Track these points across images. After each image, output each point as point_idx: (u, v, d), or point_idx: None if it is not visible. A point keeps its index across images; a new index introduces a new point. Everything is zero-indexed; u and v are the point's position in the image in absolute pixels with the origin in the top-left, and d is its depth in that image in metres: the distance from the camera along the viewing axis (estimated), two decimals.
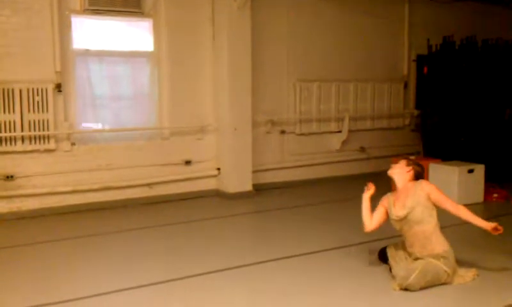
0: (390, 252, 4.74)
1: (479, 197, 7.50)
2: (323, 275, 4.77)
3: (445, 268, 4.37)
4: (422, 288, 4.30)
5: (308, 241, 5.78)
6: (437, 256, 4.40)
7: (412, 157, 4.79)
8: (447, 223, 4.86)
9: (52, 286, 4.58)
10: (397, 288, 4.33)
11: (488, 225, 4.54)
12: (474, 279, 4.52)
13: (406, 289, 4.29)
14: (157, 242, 5.90)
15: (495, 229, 4.49)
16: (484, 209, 7.27)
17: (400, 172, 4.86)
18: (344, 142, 9.33)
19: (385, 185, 8.38)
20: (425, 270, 4.32)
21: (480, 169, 7.53)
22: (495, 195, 7.63)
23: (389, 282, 4.47)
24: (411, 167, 4.83)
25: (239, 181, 7.99)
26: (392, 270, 4.58)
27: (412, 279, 4.27)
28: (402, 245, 4.74)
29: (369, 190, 4.90)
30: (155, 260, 5.24)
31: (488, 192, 7.61)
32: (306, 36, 8.91)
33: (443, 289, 4.37)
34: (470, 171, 7.47)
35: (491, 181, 7.82)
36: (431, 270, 4.34)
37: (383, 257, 4.86)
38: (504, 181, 8.17)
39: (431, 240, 4.47)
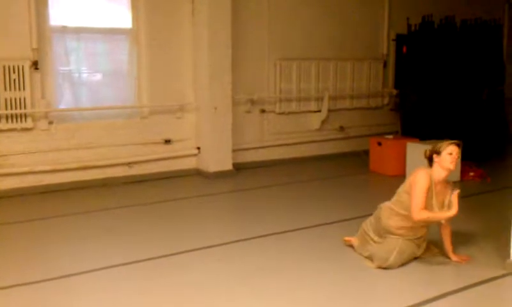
0: (358, 247, 4.79)
1: (456, 176, 7.60)
2: (297, 255, 4.83)
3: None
4: (399, 266, 4.43)
5: (285, 219, 5.83)
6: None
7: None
8: None
9: (30, 265, 4.58)
10: (375, 267, 4.44)
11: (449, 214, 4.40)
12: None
13: (385, 268, 4.41)
14: (136, 221, 5.89)
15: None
16: (460, 187, 7.36)
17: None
18: (324, 122, 9.36)
19: (364, 165, 8.49)
20: (402, 249, 4.44)
21: None
22: (472, 174, 7.75)
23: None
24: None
25: (219, 160, 7.99)
26: (366, 249, 4.64)
27: (392, 259, 4.39)
28: (370, 227, 4.74)
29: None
30: (132, 240, 5.24)
31: (464, 171, 7.72)
32: (287, 15, 8.87)
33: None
34: None
35: (468, 160, 7.93)
36: (406, 249, 4.47)
37: None
38: (481, 160, 8.30)
39: None
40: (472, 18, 9.02)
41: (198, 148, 8.14)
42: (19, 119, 6.84)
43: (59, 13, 7.15)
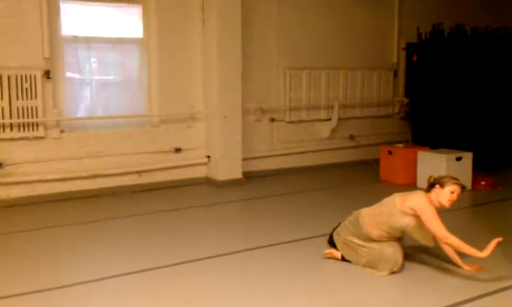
0: (348, 254, 4.77)
1: (467, 184, 7.56)
2: (308, 264, 4.81)
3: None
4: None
5: (295, 228, 5.82)
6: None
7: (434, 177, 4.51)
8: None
9: (40, 273, 4.58)
10: (387, 274, 4.46)
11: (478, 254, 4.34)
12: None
13: (393, 272, 4.46)
14: (146, 230, 5.90)
15: None
16: (472, 197, 7.34)
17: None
18: (334, 130, 9.35)
19: (374, 174, 8.47)
20: (398, 247, 4.55)
21: (468, 157, 7.60)
22: (483, 183, 7.70)
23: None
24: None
25: (228, 169, 8.00)
26: (358, 257, 4.64)
27: (400, 260, 4.49)
28: (348, 233, 4.75)
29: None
30: (141, 249, 5.24)
31: (475, 179, 7.68)
32: (297, 24, 8.89)
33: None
34: (458, 159, 7.53)
35: (479, 169, 7.89)
36: (398, 245, 4.60)
37: (332, 242, 4.93)
38: (492, 169, 8.24)
39: None
40: (483, 27, 8.98)
41: (208, 157, 8.16)
42: (31, 128, 6.90)
43: (71, 23, 7.22)
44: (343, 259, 4.75)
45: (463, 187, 4.48)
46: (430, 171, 7.46)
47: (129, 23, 7.73)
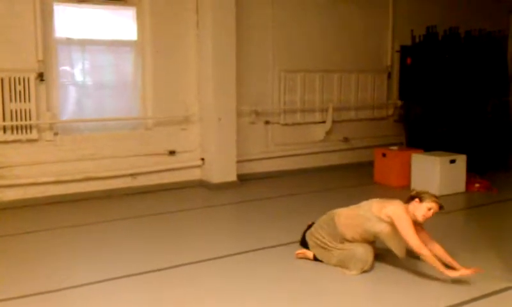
0: (319, 253, 4.82)
1: (461, 187, 7.59)
2: (303, 265, 4.80)
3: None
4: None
5: (290, 230, 5.78)
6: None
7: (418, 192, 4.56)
8: None
9: (34, 277, 4.55)
10: (358, 273, 4.54)
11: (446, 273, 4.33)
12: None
13: (364, 271, 4.56)
14: (140, 232, 5.88)
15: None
16: (466, 199, 7.36)
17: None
18: (328, 133, 9.36)
19: (369, 176, 8.48)
20: (370, 248, 4.61)
21: (462, 160, 7.61)
22: (477, 185, 7.71)
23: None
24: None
25: (223, 171, 7.98)
26: (331, 257, 4.70)
27: (371, 260, 4.57)
28: (323, 233, 4.80)
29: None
30: (136, 252, 5.22)
31: (469, 182, 7.69)
32: (291, 27, 8.90)
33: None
34: (452, 162, 7.54)
35: (473, 171, 7.91)
36: (370, 247, 4.66)
37: (304, 243, 4.99)
38: (486, 172, 8.27)
39: None
40: (477, 30, 9.02)
41: (202, 159, 8.14)
42: (24, 131, 6.86)
43: (65, 25, 7.20)
44: (315, 259, 4.82)
45: (441, 207, 4.52)
46: (424, 174, 7.55)
47: (123, 25, 7.71)
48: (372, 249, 4.63)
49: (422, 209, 4.45)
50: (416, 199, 4.50)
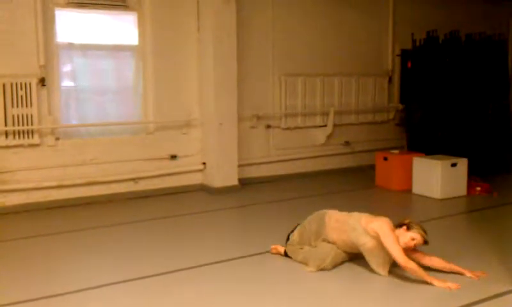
0: (290, 250, 5.00)
1: (462, 190, 7.59)
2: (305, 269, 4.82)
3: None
4: (333, 268, 4.73)
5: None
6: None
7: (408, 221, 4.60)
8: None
9: (36, 282, 4.56)
10: (315, 270, 4.67)
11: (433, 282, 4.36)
12: None
13: (321, 269, 4.68)
14: (141, 237, 5.89)
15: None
16: (467, 203, 7.36)
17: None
18: (329, 137, 9.37)
19: (370, 180, 8.49)
20: (337, 254, 4.75)
21: (463, 163, 7.62)
22: (478, 188, 7.71)
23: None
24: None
25: (224, 175, 7.99)
26: (298, 254, 4.88)
27: (329, 261, 4.68)
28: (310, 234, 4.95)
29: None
30: (137, 256, 5.22)
31: (471, 185, 7.70)
32: (292, 31, 8.92)
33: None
34: (453, 165, 7.55)
35: (475, 175, 7.91)
36: (340, 255, 4.78)
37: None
38: (487, 175, 8.26)
39: None
40: (477, 33, 9.03)
41: (204, 164, 8.15)
42: (26, 136, 6.88)
43: (66, 30, 7.22)
44: (285, 255, 5.00)
45: (425, 242, 4.55)
46: (425, 177, 7.56)
47: (125, 30, 7.73)
48: (337, 252, 4.74)
49: (406, 237, 4.51)
50: (404, 227, 4.57)
